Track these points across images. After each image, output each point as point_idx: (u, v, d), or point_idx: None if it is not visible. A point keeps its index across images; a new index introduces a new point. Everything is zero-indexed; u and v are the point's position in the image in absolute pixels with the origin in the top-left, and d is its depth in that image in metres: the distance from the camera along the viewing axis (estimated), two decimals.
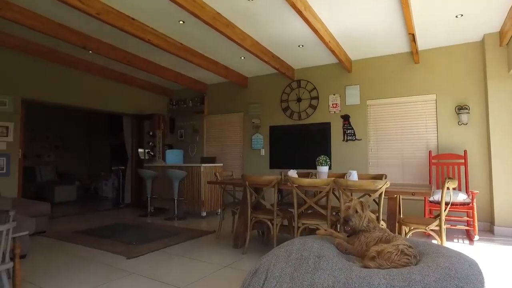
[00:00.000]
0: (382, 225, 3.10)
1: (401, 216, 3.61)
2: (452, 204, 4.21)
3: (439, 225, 2.93)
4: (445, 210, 2.94)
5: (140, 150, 8.03)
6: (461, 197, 4.28)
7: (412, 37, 4.66)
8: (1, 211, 3.25)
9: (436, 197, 4.32)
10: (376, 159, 5.96)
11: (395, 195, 3.05)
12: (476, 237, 4.33)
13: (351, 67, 6.19)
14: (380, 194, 2.95)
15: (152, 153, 7.44)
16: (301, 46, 5.56)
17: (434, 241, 3.98)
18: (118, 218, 6.27)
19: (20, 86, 5.81)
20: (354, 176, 3.63)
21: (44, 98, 6.14)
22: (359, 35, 5.09)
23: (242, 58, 6.21)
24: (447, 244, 3.82)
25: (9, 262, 2.66)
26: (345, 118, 6.27)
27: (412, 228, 3.07)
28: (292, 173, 4.01)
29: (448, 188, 2.92)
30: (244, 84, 7.41)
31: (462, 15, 4.37)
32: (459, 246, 4.09)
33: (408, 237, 2.92)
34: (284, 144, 6.92)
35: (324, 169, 3.80)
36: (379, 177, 4.13)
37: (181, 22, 4.66)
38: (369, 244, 2.11)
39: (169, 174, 6.13)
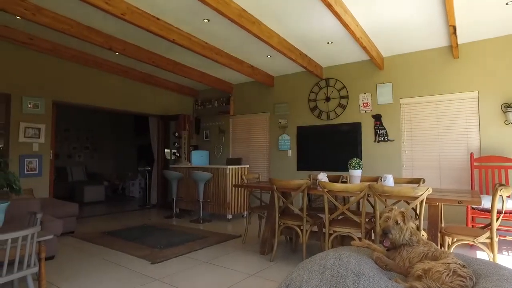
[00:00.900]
0: (422, 235, 2.84)
1: (443, 225, 3.31)
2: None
3: (491, 237, 2.63)
4: (497, 220, 2.64)
5: (166, 150, 8.04)
6: (511, 204, 3.89)
7: (453, 30, 4.31)
8: (30, 213, 3.26)
9: (484, 204, 3.96)
10: (411, 161, 5.61)
11: (437, 203, 2.77)
12: None
13: (383, 64, 5.87)
14: (421, 202, 2.68)
15: (178, 154, 7.41)
16: (330, 42, 5.32)
17: (480, 254, 3.65)
18: (144, 219, 6.27)
19: (51, 88, 5.92)
20: (389, 180, 3.36)
21: (73, 100, 6.24)
22: (392, 30, 4.79)
23: (269, 56, 6.04)
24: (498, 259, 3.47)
25: (35, 266, 2.63)
26: (377, 118, 5.95)
27: (456, 239, 2.78)
28: (322, 176, 3.79)
29: (500, 196, 2.61)
30: (271, 84, 7.23)
31: None
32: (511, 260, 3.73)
33: (452, 250, 2.64)
34: (312, 145, 6.68)
35: (356, 172, 3.56)
36: (416, 181, 3.84)
37: (205, 20, 4.55)
38: (412, 261, 1.88)
39: (195, 175, 6.05)
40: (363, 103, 6.10)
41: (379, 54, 5.63)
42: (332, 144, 6.42)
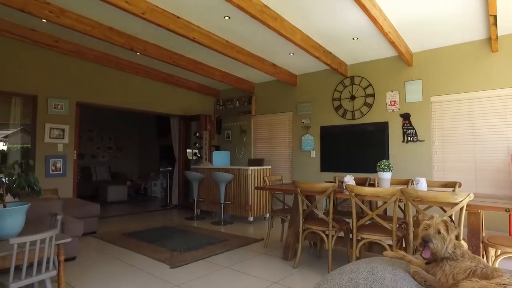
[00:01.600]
0: (462, 245, 2.59)
1: (483, 234, 3.04)
2: None
3: None
4: None
5: (188, 150, 8.01)
6: None
7: (494, 20, 3.99)
8: (51, 214, 3.25)
9: None
10: (442, 162, 5.29)
11: (479, 211, 2.52)
12: None
13: (412, 60, 5.57)
14: (461, 209, 2.44)
15: (199, 155, 7.35)
16: (355, 38, 5.08)
17: None
18: (165, 220, 6.24)
19: (74, 90, 5.99)
20: (422, 184, 3.12)
21: (96, 100, 6.29)
22: (423, 23, 4.51)
23: (291, 54, 5.86)
24: None
25: (53, 269, 2.58)
26: (405, 117, 5.65)
27: (501, 252, 2.51)
28: (349, 179, 3.59)
29: None
30: (293, 82, 7.05)
31: None
32: None
33: (497, 264, 2.39)
34: (337, 146, 6.45)
35: (386, 175, 3.33)
36: (451, 185, 3.57)
37: (226, 17, 4.43)
38: (457, 277, 1.67)
39: (216, 176, 5.96)
40: (390, 102, 5.82)
41: (407, 50, 5.35)
42: (357, 145, 6.17)
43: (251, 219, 5.90)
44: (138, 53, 5.62)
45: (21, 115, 5.62)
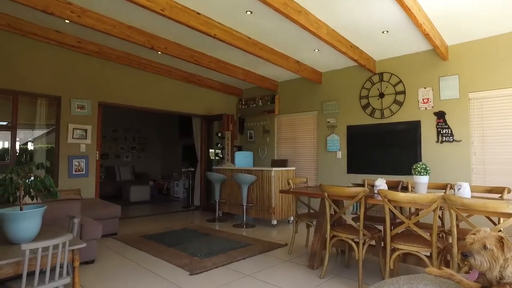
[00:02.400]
0: None
1: None
2: None
3: None
4: None
5: (211, 150, 7.90)
6: None
7: None
8: (69, 217, 3.17)
9: None
10: (482, 164, 4.87)
11: None
12: None
13: (447, 54, 5.17)
14: None
15: (221, 155, 7.20)
16: (385, 32, 4.76)
17: None
18: (187, 221, 6.13)
19: (97, 90, 5.98)
20: (465, 190, 2.80)
21: (118, 101, 6.27)
22: (459, 14, 4.14)
23: (316, 50, 5.60)
24: None
25: (67, 275, 2.47)
26: (440, 115, 5.26)
27: None
28: (381, 183, 3.31)
29: None
30: (318, 80, 6.77)
31: None
32: None
33: None
34: (364, 146, 6.12)
35: (423, 179, 3.03)
36: (498, 190, 3.21)
37: (248, 12, 4.24)
38: None
39: (238, 178, 5.79)
40: (423, 99, 5.44)
41: (443, 43, 4.96)
42: (386, 145, 5.82)
43: (274, 222, 5.68)
44: (159, 52, 5.53)
45: (46, 116, 5.67)
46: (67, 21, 4.69)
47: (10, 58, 5.12)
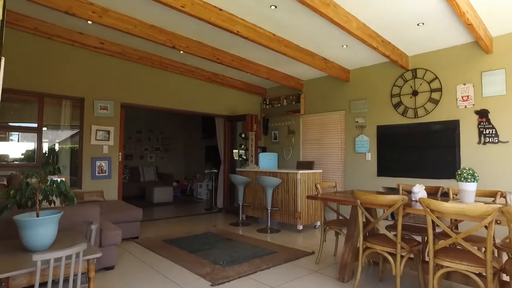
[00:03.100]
0: None
1: None
2: None
3: None
4: None
5: (235, 151, 7.74)
6: None
7: None
8: (87, 223, 3.05)
9: None
10: None
11: None
12: None
13: (492, 46, 4.72)
14: None
15: (245, 157, 7.00)
16: (421, 24, 4.40)
17: None
18: (209, 225, 5.97)
19: (119, 91, 5.94)
20: None
21: (140, 102, 6.20)
22: (507, 0, 3.73)
23: (344, 46, 5.29)
24: None
25: (81, 287, 2.34)
26: (482, 114, 4.82)
27: None
28: (419, 189, 2.99)
29: None
30: (345, 78, 6.44)
31: None
32: None
33: None
34: (396, 148, 5.74)
35: (469, 186, 2.68)
36: None
37: (272, 7, 4.01)
38: None
39: (262, 181, 5.56)
40: (462, 97, 5.02)
41: (487, 33, 4.53)
42: (420, 147, 5.42)
43: (300, 227, 5.41)
44: (181, 51, 5.40)
45: (70, 118, 5.68)
46: (89, 22, 4.68)
47: (37, 61, 5.15)
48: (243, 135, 7.12)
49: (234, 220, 6.39)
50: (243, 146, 7.14)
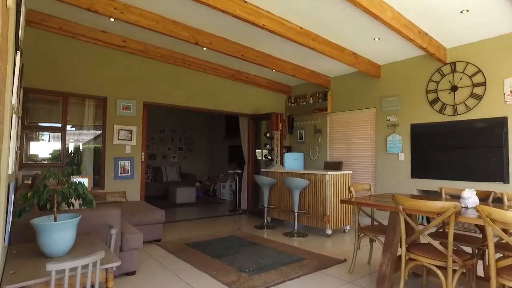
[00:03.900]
0: None
1: None
2: None
3: None
4: None
5: (259, 150, 7.51)
6: None
7: None
8: (107, 226, 2.90)
9: None
10: None
11: None
12: None
13: None
14: None
15: (270, 157, 6.75)
16: (464, 11, 4.01)
17: None
18: (233, 227, 5.76)
19: (141, 90, 5.83)
20: None
21: (163, 100, 6.08)
22: None
23: (376, 39, 4.95)
24: None
25: None
26: None
27: None
28: (470, 194, 2.65)
29: None
30: (376, 74, 6.07)
31: None
32: None
33: None
34: (432, 147, 5.33)
35: None
36: None
37: None
38: None
39: (289, 182, 5.30)
40: (511, 91, 4.57)
41: None
42: (460, 146, 5.00)
43: (329, 232, 5.11)
44: (204, 48, 5.22)
45: (94, 117, 5.62)
46: (111, 19, 4.60)
47: (61, 61, 5.11)
48: (268, 135, 6.87)
49: (259, 223, 6.16)
50: (268, 146, 6.89)
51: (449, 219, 2.30)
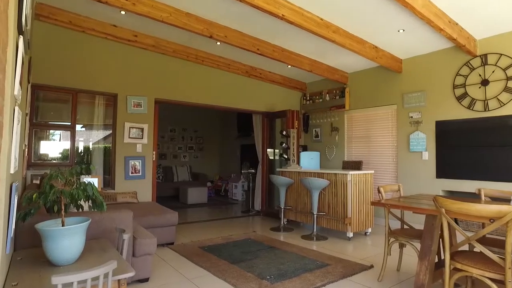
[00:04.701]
0: None
1: None
2: None
3: None
4: None
5: (270, 150, 7.25)
6: None
7: None
8: (119, 230, 2.68)
9: None
10: None
11: None
12: None
13: None
14: None
15: (286, 156, 6.49)
16: None
17: None
18: (248, 230, 5.51)
19: (153, 87, 5.62)
20: None
21: (174, 97, 5.86)
22: None
23: (401, 31, 4.65)
24: None
25: None
26: None
27: None
28: None
29: None
30: (397, 69, 5.76)
31: None
32: None
33: None
34: (459, 145, 5.01)
35: None
36: None
37: None
38: None
39: (308, 182, 5.03)
40: None
41: None
42: (492, 144, 4.67)
43: (350, 235, 4.83)
44: (218, 43, 5.00)
45: (104, 116, 5.43)
46: (122, 12, 4.41)
47: (70, 56, 4.93)
48: (284, 133, 6.61)
49: (274, 225, 5.90)
50: (284, 144, 6.62)
51: (507, 225, 2.01)
